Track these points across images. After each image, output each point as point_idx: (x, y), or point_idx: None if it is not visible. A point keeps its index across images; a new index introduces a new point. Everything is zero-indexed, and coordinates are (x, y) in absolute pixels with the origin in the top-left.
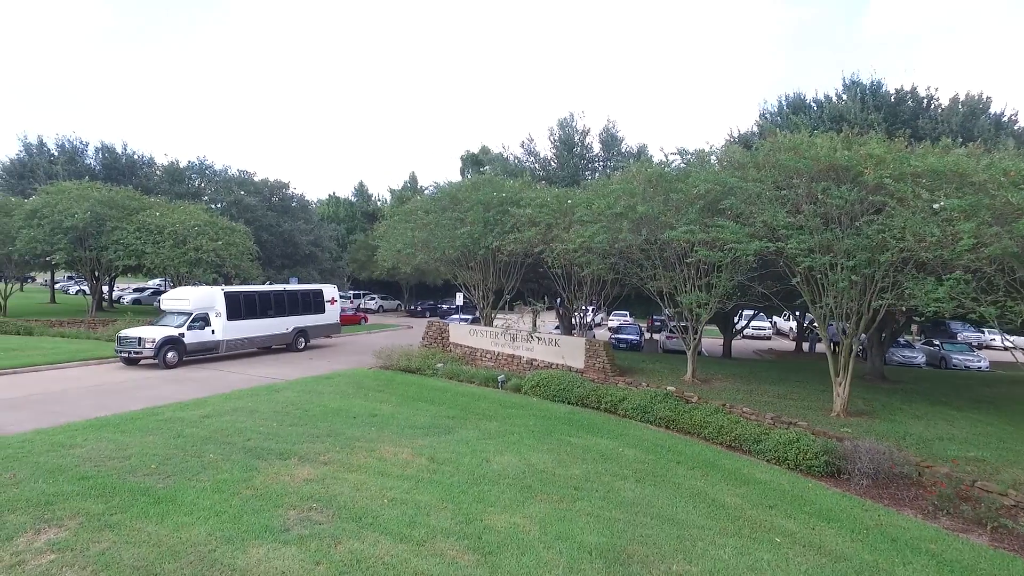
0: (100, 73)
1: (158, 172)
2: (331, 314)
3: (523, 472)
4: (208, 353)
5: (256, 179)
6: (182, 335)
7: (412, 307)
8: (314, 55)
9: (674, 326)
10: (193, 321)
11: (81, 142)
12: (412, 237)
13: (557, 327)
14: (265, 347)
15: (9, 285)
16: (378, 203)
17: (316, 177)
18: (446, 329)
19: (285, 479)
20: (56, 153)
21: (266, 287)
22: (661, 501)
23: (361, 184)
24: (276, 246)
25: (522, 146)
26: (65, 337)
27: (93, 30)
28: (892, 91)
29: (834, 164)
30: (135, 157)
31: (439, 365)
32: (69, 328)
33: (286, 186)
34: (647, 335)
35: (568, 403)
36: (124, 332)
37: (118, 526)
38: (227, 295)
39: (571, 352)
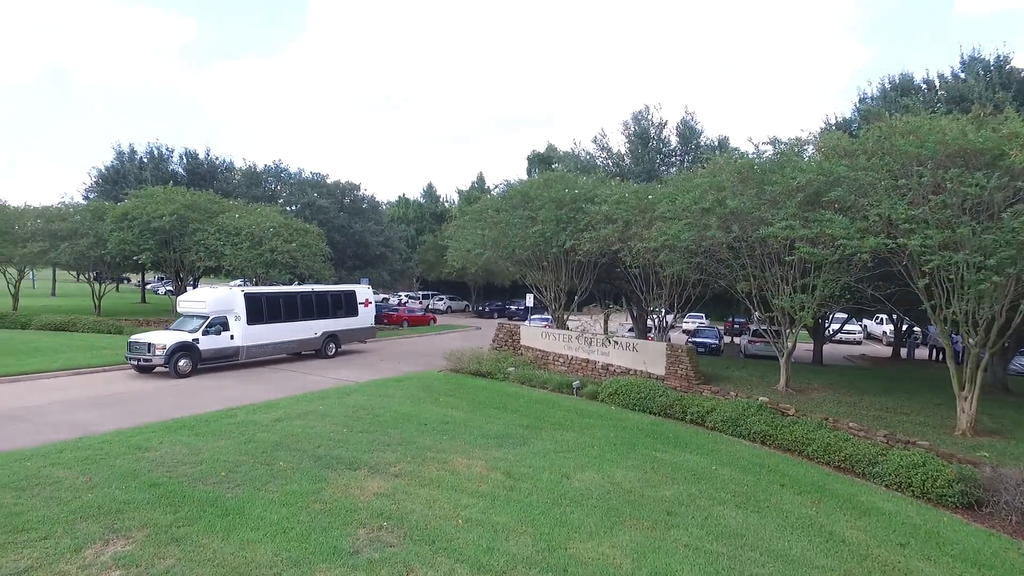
0: (185, 84)
1: (237, 176)
2: (365, 317)
3: (607, 492)
4: (226, 360)
5: (328, 181)
6: (196, 341)
7: (480, 308)
8: (384, 60)
9: (757, 329)
10: (209, 325)
11: (167, 149)
12: (482, 237)
13: (631, 330)
14: (294, 353)
15: (103, 286)
16: (446, 204)
17: (386, 179)
18: (517, 331)
19: (355, 492)
20: (145, 160)
21: (292, 288)
22: (769, 532)
23: (430, 185)
24: (347, 247)
25: (594, 141)
26: None
27: (179, 45)
28: (1021, 68)
29: (965, 148)
30: (216, 162)
31: (510, 369)
32: (155, 328)
33: (357, 187)
34: (726, 339)
35: (650, 413)
36: (136, 337)
37: (184, 540)
38: (247, 296)
39: (651, 357)
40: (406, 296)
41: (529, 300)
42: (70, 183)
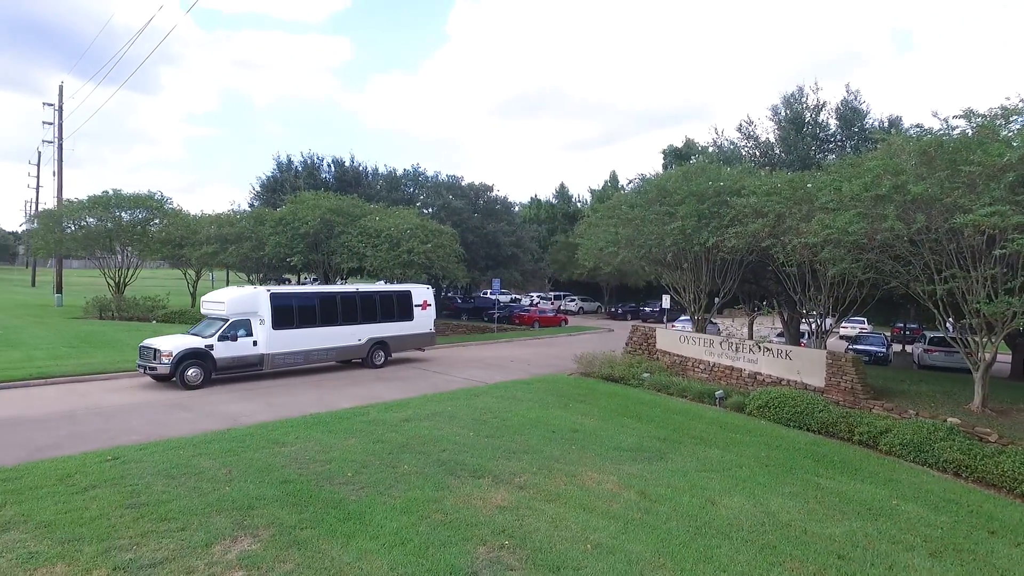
0: (339, 99)
1: (379, 181)
2: (422, 321)
3: (760, 523)
4: (248, 370)
5: (463, 183)
6: (210, 347)
7: (612, 309)
8: (517, 68)
9: (936, 337)
10: (227, 330)
11: (318, 157)
12: (615, 235)
13: (780, 335)
14: (344, 361)
15: (264, 286)
16: (578, 204)
17: (518, 181)
18: (652, 334)
19: (477, 504)
20: (300, 169)
21: (332, 288)
22: None
23: (562, 186)
24: (480, 247)
25: (739, 130)
26: None
27: (336, 64)
28: None
29: None
30: (360, 169)
31: (645, 375)
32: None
33: (490, 188)
34: (895, 347)
35: (807, 430)
36: (147, 342)
37: (305, 544)
38: (273, 297)
39: (807, 366)
40: (537, 296)
41: (665, 301)
42: (241, 194)
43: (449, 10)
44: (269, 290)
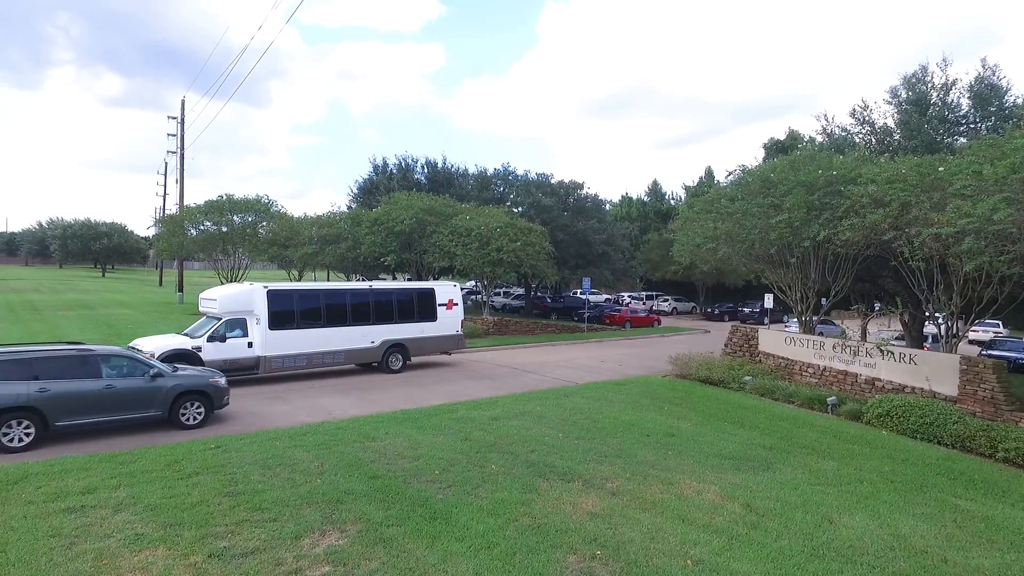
0: (433, 103)
1: (470, 181)
2: (447, 322)
3: (889, 548)
4: (242, 373)
5: (553, 181)
6: (198, 349)
7: (708, 309)
8: (606, 66)
9: None
10: (217, 330)
11: (412, 159)
12: (713, 229)
13: (899, 337)
14: (364, 364)
15: None
16: (671, 201)
17: (609, 180)
18: (754, 335)
19: (567, 509)
20: (394, 171)
21: (342, 285)
22: None
23: (655, 183)
24: (570, 246)
25: (852, 115)
26: None
27: (430, 70)
28: None
29: None
30: (452, 169)
31: (747, 378)
32: None
33: (580, 186)
34: None
35: (938, 443)
36: (134, 342)
37: (391, 542)
38: (270, 294)
39: (936, 373)
40: (629, 296)
41: (767, 301)
42: (341, 197)
43: (539, 12)
44: (266, 287)
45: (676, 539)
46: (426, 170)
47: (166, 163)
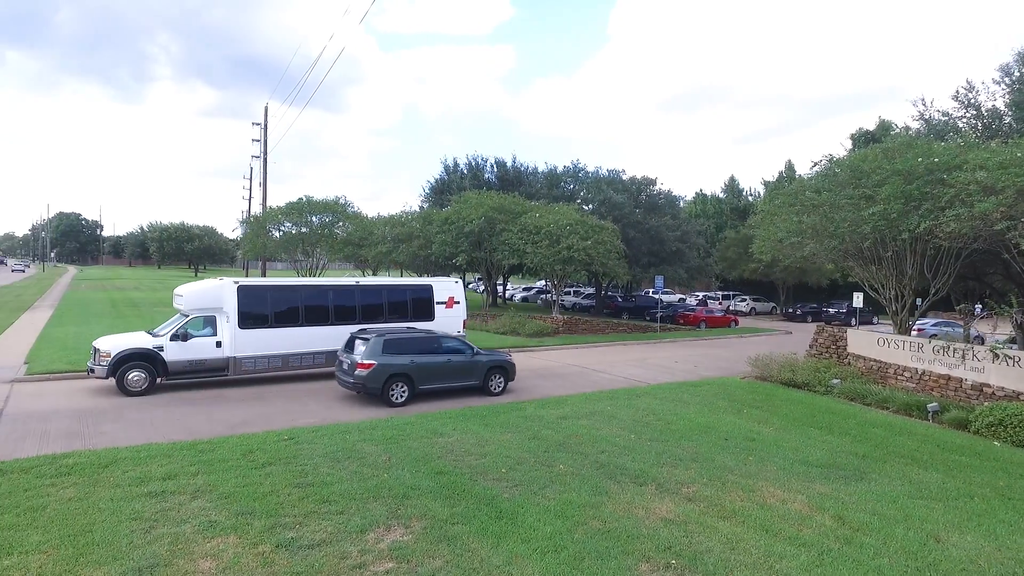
0: (503, 104)
1: (540, 180)
2: (446, 321)
3: (1011, 573)
4: (210, 375)
5: (624, 177)
6: (159, 348)
7: (790, 310)
8: (678, 62)
9: None
10: (182, 329)
11: (482, 159)
12: (797, 223)
13: (1011, 340)
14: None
15: None
16: (749, 198)
17: (682, 177)
18: (842, 336)
19: (639, 513)
20: (465, 171)
21: (324, 281)
22: None
23: (731, 179)
24: (642, 243)
25: (955, 98)
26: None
27: (500, 72)
28: None
29: None
30: (521, 168)
31: (834, 381)
32: (468, 320)
33: (653, 182)
34: None
35: None
36: (96, 340)
37: (455, 540)
38: (241, 290)
39: None
40: (704, 296)
41: (857, 300)
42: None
43: (610, 11)
44: (237, 282)
45: (759, 551)
46: (495, 169)
47: (251, 168)
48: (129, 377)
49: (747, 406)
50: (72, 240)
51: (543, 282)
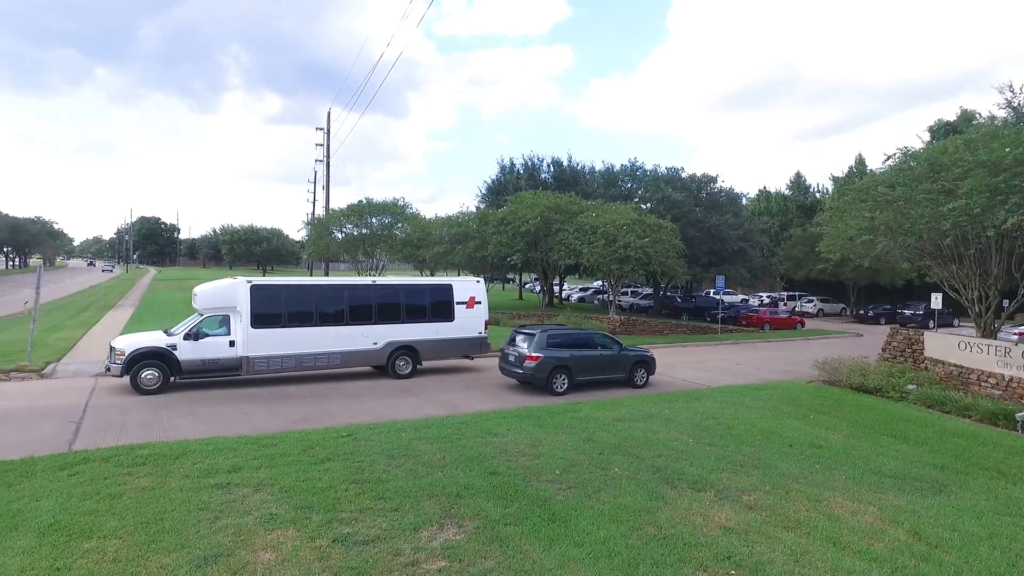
0: (560, 103)
1: (596, 178)
2: (467, 322)
3: None
4: (223, 374)
5: (683, 175)
6: (173, 347)
7: (861, 311)
8: (741, 58)
9: None
10: (195, 328)
11: (538, 159)
12: (870, 220)
13: None
14: (379, 367)
15: (487, 283)
16: (817, 194)
17: (745, 174)
18: (918, 340)
19: (696, 520)
20: (521, 171)
21: (339, 280)
22: None
23: (798, 175)
24: (703, 242)
25: None
26: None
27: (558, 72)
28: None
29: None
30: (578, 167)
31: (910, 387)
32: (524, 320)
33: (714, 179)
34: None
35: None
36: (114, 340)
37: (507, 541)
38: (254, 290)
39: None
40: (767, 296)
41: (935, 301)
42: (471, 198)
43: (669, 7)
44: (250, 281)
45: (825, 564)
46: (552, 169)
47: (315, 172)
48: (142, 376)
49: (813, 411)
50: (152, 243)
51: (600, 282)
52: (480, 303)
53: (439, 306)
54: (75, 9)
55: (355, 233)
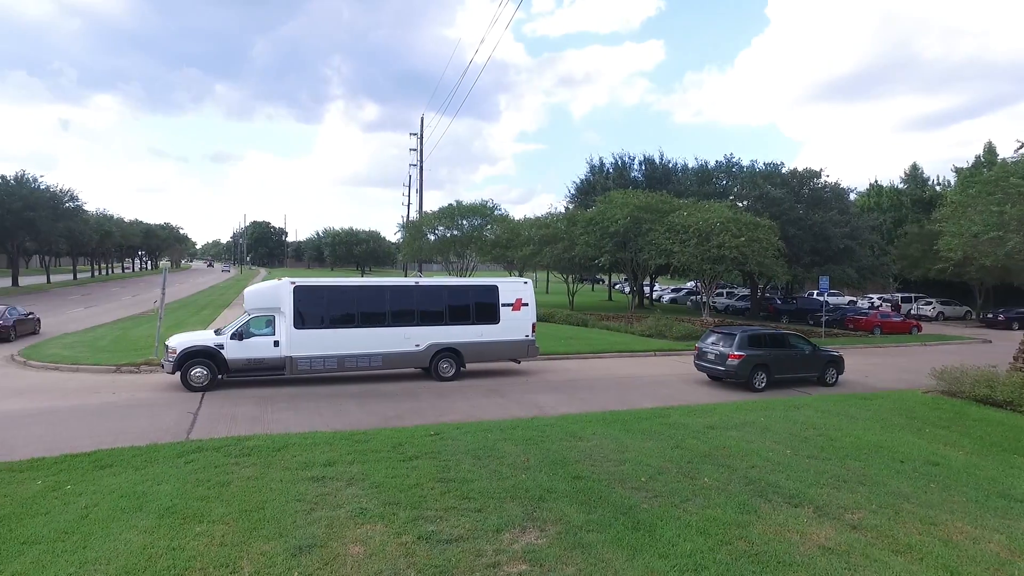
0: (653, 99)
1: (689, 176)
2: (513, 324)
3: None
4: (268, 373)
5: (783, 171)
6: (220, 347)
7: (989, 315)
8: (846, 33)
9: None
10: (242, 328)
11: (629, 157)
12: (999, 215)
13: None
14: (423, 368)
15: (576, 285)
16: (936, 187)
17: (851, 167)
18: None
19: (793, 538)
20: (610, 170)
21: (381, 280)
22: None
23: (913, 167)
24: (804, 241)
25: None
26: (608, 330)
27: (650, 67)
28: None
29: None
30: (670, 165)
31: None
32: (613, 322)
33: (817, 175)
34: None
35: None
36: (169, 339)
37: (589, 548)
38: (297, 291)
39: None
40: (878, 298)
41: None
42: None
43: None
44: (293, 282)
45: None
46: (643, 167)
47: (409, 176)
48: (192, 373)
49: (929, 424)
50: (263, 245)
51: (693, 283)
52: (527, 305)
53: (483, 308)
54: (198, 31)
55: (447, 235)
